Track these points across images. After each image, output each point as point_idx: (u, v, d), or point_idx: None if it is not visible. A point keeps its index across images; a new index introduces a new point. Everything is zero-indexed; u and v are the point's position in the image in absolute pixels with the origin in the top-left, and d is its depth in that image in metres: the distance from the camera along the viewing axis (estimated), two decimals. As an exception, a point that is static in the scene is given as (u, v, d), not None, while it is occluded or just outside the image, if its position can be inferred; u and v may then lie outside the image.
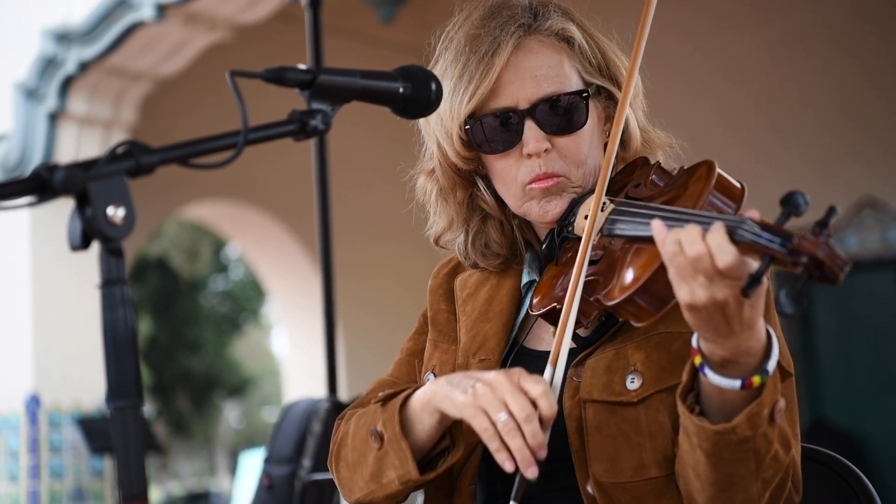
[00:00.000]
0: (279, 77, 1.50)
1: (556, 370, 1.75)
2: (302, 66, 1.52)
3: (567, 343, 1.76)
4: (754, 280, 1.48)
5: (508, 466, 1.65)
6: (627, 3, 2.14)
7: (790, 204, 1.49)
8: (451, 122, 1.91)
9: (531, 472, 1.64)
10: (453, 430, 1.85)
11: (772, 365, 1.60)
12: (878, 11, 8.87)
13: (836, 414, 9.06)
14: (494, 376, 1.70)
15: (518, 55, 1.89)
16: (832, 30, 8.97)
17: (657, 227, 1.59)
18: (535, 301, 1.89)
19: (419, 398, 1.81)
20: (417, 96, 1.62)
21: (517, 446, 1.64)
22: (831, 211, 1.47)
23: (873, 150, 8.83)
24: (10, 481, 7.90)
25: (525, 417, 1.64)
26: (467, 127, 1.91)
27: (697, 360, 1.62)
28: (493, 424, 1.66)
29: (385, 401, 1.88)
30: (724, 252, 1.50)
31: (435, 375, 1.99)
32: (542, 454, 1.64)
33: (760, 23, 9.23)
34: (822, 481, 2.04)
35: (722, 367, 1.60)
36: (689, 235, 1.53)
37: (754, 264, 1.52)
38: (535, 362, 1.81)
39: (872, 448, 8.88)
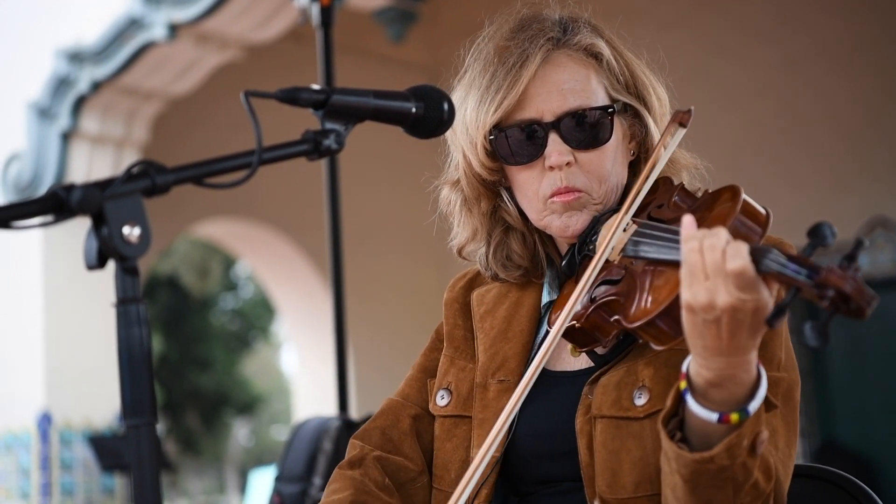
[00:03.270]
0: (293, 97, 1.51)
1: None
2: (315, 87, 1.53)
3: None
4: (779, 311, 1.46)
5: None
6: (659, 22, 2.14)
7: (817, 235, 1.48)
8: (477, 131, 1.91)
9: None
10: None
11: (754, 406, 1.59)
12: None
13: (847, 434, 9.02)
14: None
15: (546, 68, 1.89)
16: (856, 44, 8.93)
17: (687, 222, 1.58)
18: (552, 317, 1.89)
19: None
20: (430, 116, 1.63)
21: None
22: (859, 244, 1.45)
23: (889, 169, 8.81)
24: (22, 499, 7.90)
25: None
26: (492, 137, 1.91)
27: (683, 384, 1.62)
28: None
29: None
30: (737, 257, 1.50)
31: (450, 393, 1.99)
32: None
33: (784, 37, 9.21)
34: (833, 501, 2.04)
35: (705, 394, 1.59)
36: (714, 239, 1.53)
37: (766, 292, 1.51)
38: (554, 383, 1.81)
39: (883, 468, 8.84)
